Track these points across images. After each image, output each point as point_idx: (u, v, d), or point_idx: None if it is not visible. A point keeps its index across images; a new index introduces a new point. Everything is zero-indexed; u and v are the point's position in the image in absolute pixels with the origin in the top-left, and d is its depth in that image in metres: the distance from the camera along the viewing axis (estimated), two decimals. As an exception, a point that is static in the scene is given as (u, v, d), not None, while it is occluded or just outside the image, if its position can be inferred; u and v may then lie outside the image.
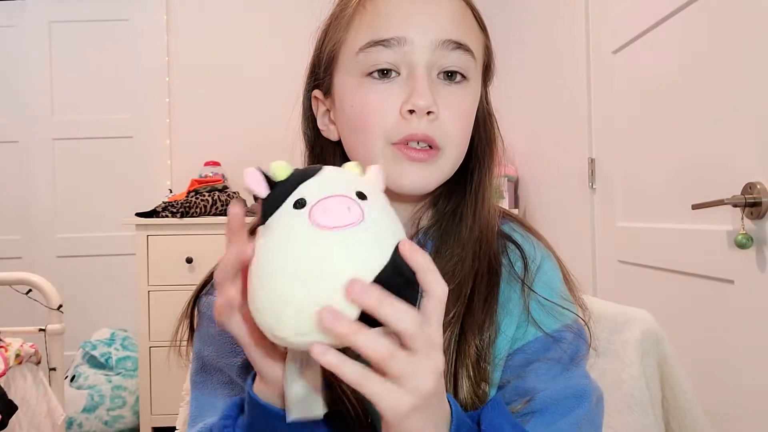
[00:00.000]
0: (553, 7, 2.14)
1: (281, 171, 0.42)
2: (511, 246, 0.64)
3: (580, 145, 1.90)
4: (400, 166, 0.56)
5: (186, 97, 2.98)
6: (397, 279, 0.40)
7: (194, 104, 2.97)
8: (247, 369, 0.58)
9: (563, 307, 0.61)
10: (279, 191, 0.42)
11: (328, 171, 0.43)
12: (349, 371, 0.39)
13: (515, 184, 2.58)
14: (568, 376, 0.58)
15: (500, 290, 0.61)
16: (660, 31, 1.42)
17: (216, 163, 2.82)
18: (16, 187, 3.01)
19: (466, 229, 0.61)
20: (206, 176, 2.71)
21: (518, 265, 0.63)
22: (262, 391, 0.49)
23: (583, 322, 0.63)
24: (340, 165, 0.49)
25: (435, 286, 0.41)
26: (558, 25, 2.10)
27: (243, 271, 0.42)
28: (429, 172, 0.57)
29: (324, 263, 0.38)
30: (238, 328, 0.45)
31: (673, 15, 1.35)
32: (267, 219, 0.42)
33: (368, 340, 0.39)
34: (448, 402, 0.47)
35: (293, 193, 0.41)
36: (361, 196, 0.41)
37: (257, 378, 0.50)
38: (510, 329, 0.60)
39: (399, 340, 0.40)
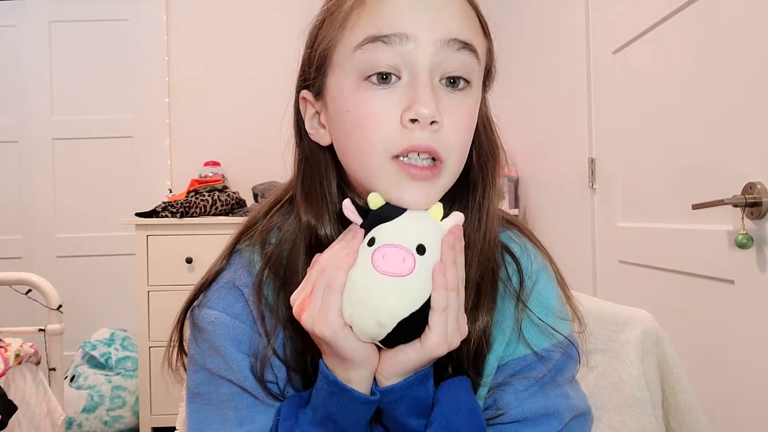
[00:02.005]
0: (553, 7, 2.14)
1: (373, 202, 0.53)
2: (509, 259, 0.63)
3: (580, 145, 1.90)
4: (401, 184, 0.53)
5: (186, 97, 2.98)
6: (419, 322, 0.50)
7: (194, 104, 2.97)
8: (257, 375, 0.57)
9: (555, 329, 0.61)
10: (367, 222, 0.53)
11: (406, 217, 0.52)
12: (442, 296, 0.50)
13: (515, 184, 2.58)
14: (544, 396, 0.59)
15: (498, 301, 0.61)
16: (660, 31, 1.42)
17: (216, 163, 2.82)
18: (16, 187, 3.01)
19: (470, 242, 0.59)
20: (206, 176, 2.71)
21: (515, 280, 0.62)
22: (350, 380, 0.52)
23: (576, 335, 0.63)
24: (330, 171, 0.60)
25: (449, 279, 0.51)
26: (558, 25, 2.10)
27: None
28: (431, 189, 0.54)
29: (373, 297, 0.49)
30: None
31: (673, 15, 1.35)
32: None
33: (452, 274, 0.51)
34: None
35: (372, 230, 0.52)
36: (421, 250, 0.50)
37: (344, 369, 0.53)
38: (500, 347, 0.60)
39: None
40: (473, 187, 0.60)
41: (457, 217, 0.54)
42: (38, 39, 3.00)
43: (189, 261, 2.40)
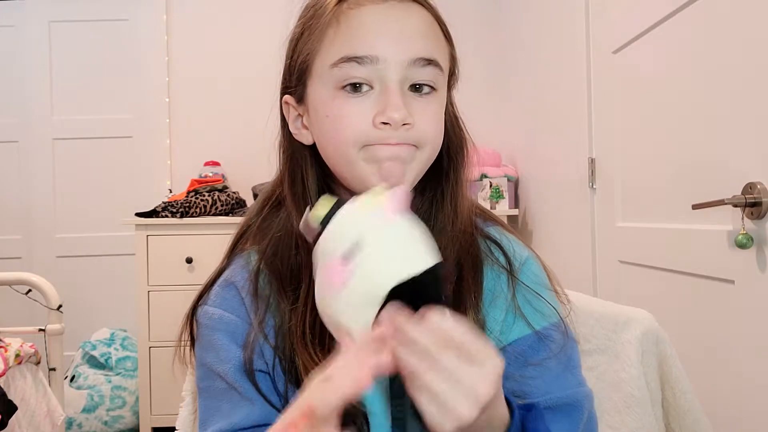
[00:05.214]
0: (553, 7, 2.14)
1: (321, 210, 0.50)
2: (494, 245, 0.67)
3: (580, 145, 1.90)
4: (378, 160, 0.58)
5: (186, 97, 2.97)
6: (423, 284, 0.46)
7: (194, 104, 2.97)
8: (241, 372, 0.60)
9: (550, 303, 0.64)
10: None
11: (332, 223, 0.49)
12: (419, 379, 0.43)
13: (515, 184, 2.58)
14: (564, 385, 0.61)
15: (487, 280, 0.64)
16: (660, 31, 1.42)
17: (216, 163, 2.81)
18: (16, 187, 3.01)
19: (447, 219, 0.64)
20: (206, 176, 2.71)
21: (501, 260, 0.66)
22: None
23: (566, 316, 0.65)
24: (310, 168, 0.64)
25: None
26: (558, 25, 2.10)
27: None
28: (407, 164, 0.59)
29: (333, 316, 0.47)
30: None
31: (673, 15, 1.35)
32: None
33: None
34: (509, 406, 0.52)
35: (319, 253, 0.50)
36: (353, 251, 0.46)
37: None
38: (500, 314, 0.63)
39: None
40: (446, 177, 0.66)
41: (399, 192, 0.50)
42: (38, 39, 3.00)
43: (189, 261, 2.40)
